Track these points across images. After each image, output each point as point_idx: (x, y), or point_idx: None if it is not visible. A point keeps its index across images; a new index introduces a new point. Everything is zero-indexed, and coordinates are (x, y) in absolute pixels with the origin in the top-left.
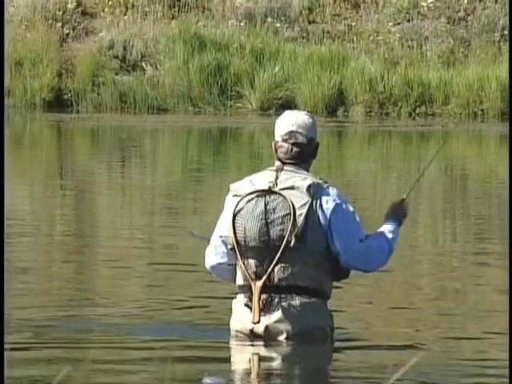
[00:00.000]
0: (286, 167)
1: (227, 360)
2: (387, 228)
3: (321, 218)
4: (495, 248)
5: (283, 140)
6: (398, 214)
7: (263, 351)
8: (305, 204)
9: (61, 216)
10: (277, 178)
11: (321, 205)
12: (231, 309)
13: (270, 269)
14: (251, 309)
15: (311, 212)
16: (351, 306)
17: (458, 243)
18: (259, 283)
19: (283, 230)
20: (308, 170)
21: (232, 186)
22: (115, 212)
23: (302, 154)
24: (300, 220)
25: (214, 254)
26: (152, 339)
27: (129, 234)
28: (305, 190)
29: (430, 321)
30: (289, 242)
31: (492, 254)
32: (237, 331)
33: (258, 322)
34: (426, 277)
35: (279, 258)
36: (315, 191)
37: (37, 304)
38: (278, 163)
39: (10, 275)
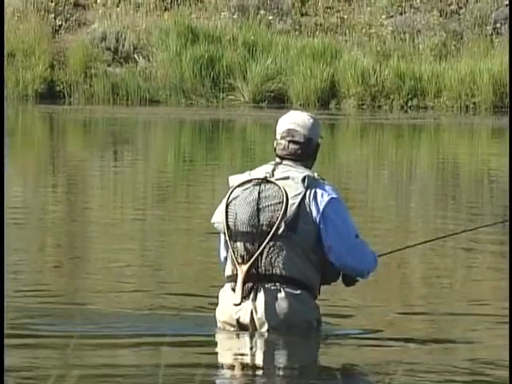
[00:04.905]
0: (284, 162)
1: (214, 352)
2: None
3: (313, 209)
4: (486, 236)
5: (281, 137)
6: None
7: (250, 343)
8: (298, 194)
9: (52, 206)
10: (274, 169)
11: (315, 197)
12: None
13: (257, 253)
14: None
15: (304, 202)
16: (341, 298)
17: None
18: (245, 267)
19: (274, 217)
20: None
21: (230, 178)
22: (107, 202)
23: (300, 151)
24: (292, 209)
25: (223, 249)
26: (143, 332)
27: (121, 221)
28: (300, 180)
29: (423, 313)
30: (278, 228)
31: (483, 241)
32: (223, 322)
33: (239, 304)
34: (418, 269)
35: (267, 244)
36: (310, 183)
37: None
38: (277, 159)
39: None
